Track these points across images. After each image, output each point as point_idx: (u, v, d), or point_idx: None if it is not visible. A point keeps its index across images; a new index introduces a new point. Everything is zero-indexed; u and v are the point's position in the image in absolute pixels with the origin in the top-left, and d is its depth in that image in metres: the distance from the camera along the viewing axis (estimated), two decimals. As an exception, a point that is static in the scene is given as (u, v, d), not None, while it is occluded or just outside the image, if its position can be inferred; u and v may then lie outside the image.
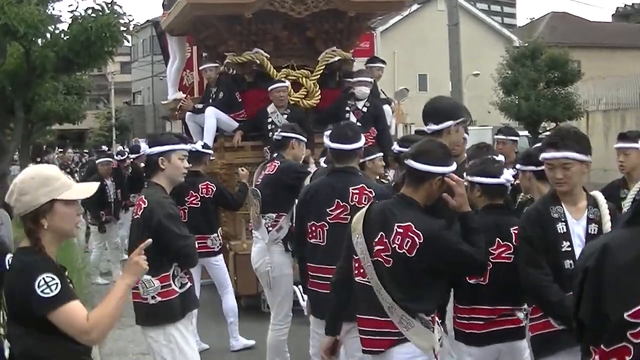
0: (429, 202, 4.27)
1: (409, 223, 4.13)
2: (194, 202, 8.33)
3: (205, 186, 8.38)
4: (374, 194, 5.36)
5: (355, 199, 5.38)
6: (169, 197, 5.37)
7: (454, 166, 4.27)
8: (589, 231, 4.32)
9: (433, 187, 4.24)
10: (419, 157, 4.23)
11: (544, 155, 4.42)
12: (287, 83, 10.54)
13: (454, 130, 4.86)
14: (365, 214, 4.34)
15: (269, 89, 10.42)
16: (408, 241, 4.11)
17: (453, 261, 4.21)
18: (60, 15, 12.87)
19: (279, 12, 10.60)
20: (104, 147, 18.38)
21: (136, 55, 53.98)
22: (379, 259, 4.20)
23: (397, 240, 4.13)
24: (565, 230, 4.32)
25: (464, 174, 4.77)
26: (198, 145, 8.50)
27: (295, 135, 7.44)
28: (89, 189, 3.61)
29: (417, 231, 4.11)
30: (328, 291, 4.80)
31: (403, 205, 4.23)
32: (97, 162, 13.10)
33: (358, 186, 5.44)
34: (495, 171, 4.87)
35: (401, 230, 4.14)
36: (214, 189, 8.43)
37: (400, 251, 4.12)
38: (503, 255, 4.68)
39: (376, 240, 4.22)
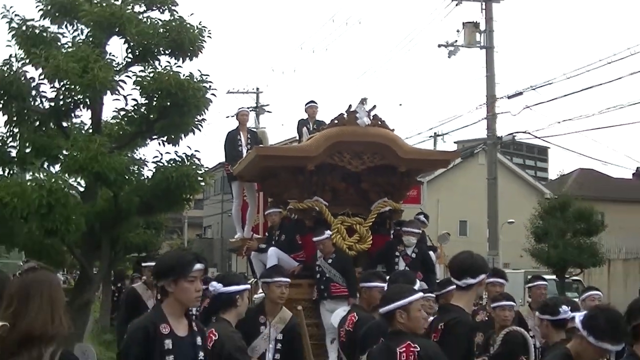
0: None
1: None
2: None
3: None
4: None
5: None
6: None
7: None
8: None
9: None
10: None
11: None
12: (327, 234, 10.54)
13: (483, 283, 5.21)
14: None
15: (314, 239, 10.60)
16: None
17: None
18: (145, 160, 13.26)
19: (338, 166, 11.01)
20: None
21: (208, 194, 57.44)
22: None
23: None
24: None
25: None
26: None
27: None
28: None
29: None
30: None
31: None
32: None
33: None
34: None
35: None
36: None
37: None
38: None
39: None
